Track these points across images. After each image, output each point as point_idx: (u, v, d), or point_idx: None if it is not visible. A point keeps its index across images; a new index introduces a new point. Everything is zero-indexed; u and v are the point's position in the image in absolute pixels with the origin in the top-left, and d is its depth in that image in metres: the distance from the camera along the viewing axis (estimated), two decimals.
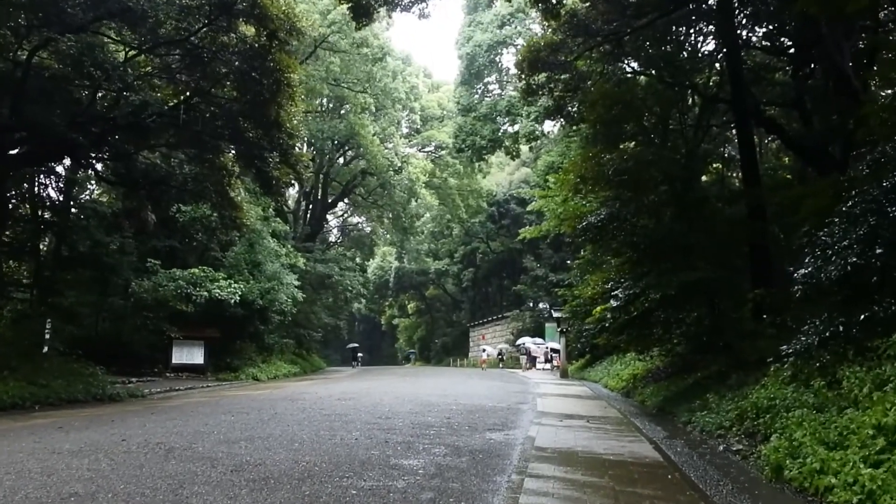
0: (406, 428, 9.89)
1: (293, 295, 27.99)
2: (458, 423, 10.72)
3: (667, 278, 13.10)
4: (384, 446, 8.10)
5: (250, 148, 16.62)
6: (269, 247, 27.15)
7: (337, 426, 9.81)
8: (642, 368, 20.55)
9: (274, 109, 16.25)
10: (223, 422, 10.17)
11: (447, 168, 42.13)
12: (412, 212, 39.54)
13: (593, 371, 27.34)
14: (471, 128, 26.64)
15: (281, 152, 17.43)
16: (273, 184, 17.49)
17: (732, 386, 11.54)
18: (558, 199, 17.91)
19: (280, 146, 17.08)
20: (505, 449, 8.32)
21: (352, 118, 32.09)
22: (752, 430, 8.69)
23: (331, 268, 34.34)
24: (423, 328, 74.41)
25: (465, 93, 27.53)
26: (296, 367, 32.65)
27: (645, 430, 10.98)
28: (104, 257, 24.19)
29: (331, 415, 11.33)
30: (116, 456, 7.03)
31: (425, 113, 40.84)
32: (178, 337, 24.80)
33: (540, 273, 43.14)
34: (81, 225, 24.63)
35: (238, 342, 27.98)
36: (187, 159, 21.51)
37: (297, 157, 17.64)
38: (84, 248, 23.61)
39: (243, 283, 25.70)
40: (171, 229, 27.12)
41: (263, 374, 27.40)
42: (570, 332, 29.01)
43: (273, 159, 16.81)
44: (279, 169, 16.95)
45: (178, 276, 24.87)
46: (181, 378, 24.60)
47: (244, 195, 24.03)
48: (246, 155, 16.93)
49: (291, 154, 17.41)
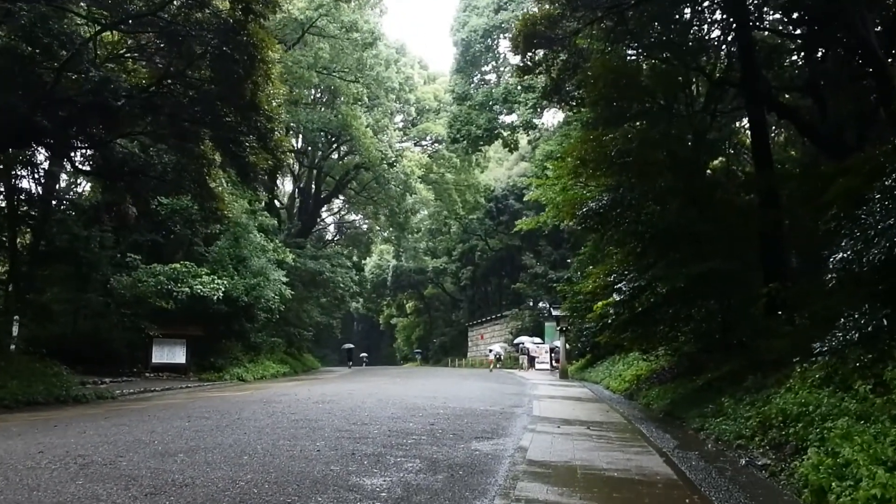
0: (380, 436, 8.68)
1: (281, 292, 26.78)
2: (442, 430, 9.51)
3: (675, 270, 11.90)
4: (348, 460, 6.90)
5: (225, 131, 15.39)
6: (254, 241, 25.94)
7: (302, 434, 8.60)
8: (646, 369, 19.35)
9: (249, 89, 15.04)
10: (173, 429, 8.96)
11: (444, 163, 40.87)
12: (407, 207, 38.25)
13: (594, 371, 26.12)
14: (466, 117, 25.43)
15: (259, 136, 16.21)
16: (250, 171, 16.25)
17: (749, 389, 10.32)
18: (557, 187, 16.68)
19: (258, 130, 15.87)
20: (491, 463, 7.12)
21: (344, 109, 30.86)
22: (778, 440, 7.47)
23: (322, 264, 33.08)
24: (421, 328, 73.20)
25: (461, 80, 26.32)
26: (285, 368, 31.42)
27: (652, 438, 9.76)
28: (82, 252, 23.07)
29: (300, 420, 10.12)
30: (18, 472, 5.83)
31: (421, 105, 39.59)
32: (157, 335, 23.61)
33: (539, 270, 41.91)
34: (59, 218, 23.50)
35: (224, 341, 26.78)
36: (166, 148, 20.36)
37: (276, 142, 16.41)
38: (62, 243, 22.48)
39: (227, 279, 24.49)
40: (154, 223, 25.97)
41: (250, 375, 26.18)
42: (570, 330, 27.80)
43: (250, 143, 15.58)
44: (256, 154, 15.72)
45: (159, 271, 23.70)
46: (161, 378, 23.44)
47: (226, 186, 22.85)
48: (220, 139, 15.69)
49: (270, 139, 16.19)
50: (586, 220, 12.70)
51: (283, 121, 17.07)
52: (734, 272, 12.33)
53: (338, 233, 60.24)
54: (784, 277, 14.36)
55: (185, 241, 26.48)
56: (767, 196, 14.55)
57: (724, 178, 15.11)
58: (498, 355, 42.53)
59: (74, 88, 17.19)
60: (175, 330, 24.38)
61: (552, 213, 17.56)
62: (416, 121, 40.73)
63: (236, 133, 15.25)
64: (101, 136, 19.95)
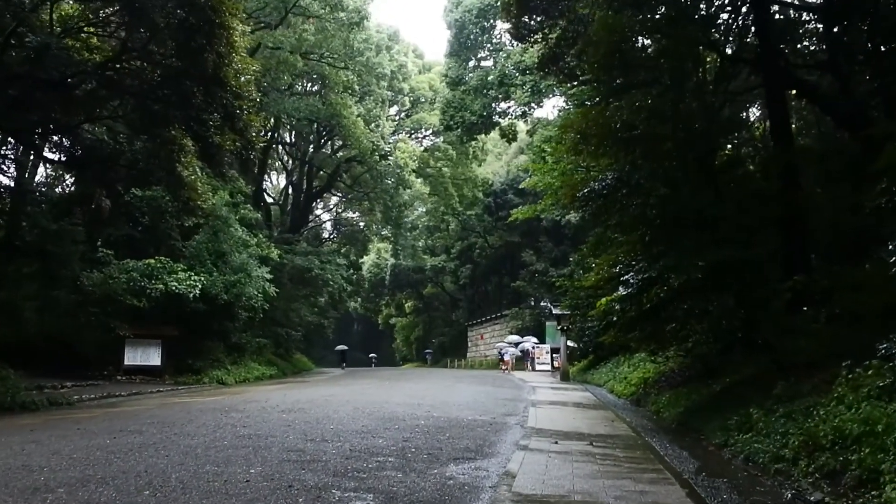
0: (337, 459, 7.11)
1: (264, 289, 25.21)
2: (416, 449, 7.94)
3: (689, 259, 10.30)
4: (280, 495, 5.32)
5: (188, 109, 13.83)
6: (235, 235, 24.36)
7: (238, 457, 7.02)
8: (654, 371, 17.77)
9: (211, 60, 13.47)
10: (86, 449, 7.39)
11: (440, 155, 39.21)
12: (401, 201, 36.62)
13: (597, 373, 24.52)
14: (460, 102, 23.85)
15: (227, 116, 14.65)
16: (215, 152, 14.67)
17: (781, 397, 8.74)
18: (556, 171, 15.07)
19: (224, 107, 14.29)
20: (465, 498, 5.54)
21: (333, 97, 29.28)
22: (833, 467, 5.88)
23: (311, 261, 31.45)
24: (420, 328, 71.59)
25: (455, 64, 24.73)
26: (272, 370, 29.83)
27: (668, 457, 8.17)
28: (51, 247, 21.55)
29: (248, 436, 8.54)
30: None
31: (415, 95, 37.97)
32: (129, 335, 22.05)
33: (539, 268, 40.30)
34: (28, 212, 22.03)
35: (205, 341, 25.22)
36: (136, 134, 18.83)
37: (246, 121, 14.83)
38: (32, 238, 21.02)
39: (205, 276, 22.95)
40: (129, 217, 24.44)
41: (231, 378, 24.63)
42: (571, 330, 26.19)
43: (214, 122, 14.01)
44: (222, 134, 14.15)
45: (132, 267, 22.17)
46: (134, 382, 21.89)
47: (200, 175, 21.28)
48: (182, 118, 14.12)
49: (239, 118, 14.61)
50: (588, 204, 11.10)
51: (253, 99, 15.45)
52: (757, 261, 10.72)
53: (334, 231, 58.82)
54: (808, 269, 12.83)
55: (164, 236, 24.96)
56: (789, 176, 12.99)
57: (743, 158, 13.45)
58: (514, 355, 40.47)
59: (30, 65, 15.66)
60: (149, 330, 22.81)
61: (551, 199, 15.96)
62: (410, 112, 39.15)
63: (199, 110, 13.66)
64: (64, 120, 18.48)
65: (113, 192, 23.86)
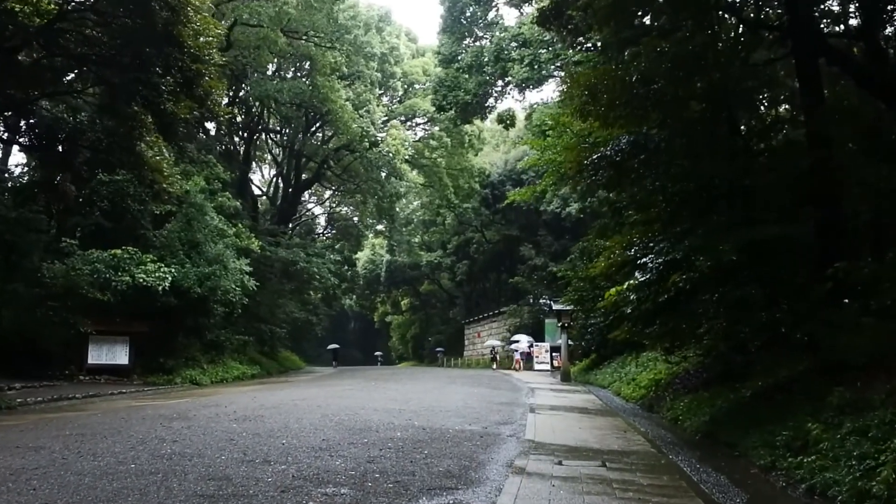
0: (269, 492, 5.33)
1: (242, 282, 23.40)
2: (382, 474, 6.16)
3: (720, 238, 8.52)
4: None
5: (139, 71, 12.03)
6: (211, 224, 22.55)
7: (135, 490, 5.25)
8: (666, 372, 16.01)
9: (162, 15, 11.68)
10: None
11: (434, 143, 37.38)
12: (391, 190, 34.76)
13: (601, 374, 22.73)
14: (453, 81, 22.04)
15: (185, 80, 12.87)
16: (169, 122, 12.88)
17: (843, 408, 6.97)
18: (558, 147, 13.24)
19: (180, 70, 12.50)
20: None
21: (319, 79, 27.45)
22: None
23: (295, 253, 29.61)
24: (416, 326, 69.74)
25: (448, 41, 22.93)
26: (254, 369, 28.02)
27: (705, 484, 6.39)
28: (8, 236, 19.76)
29: (170, 456, 6.76)
30: None
31: (408, 79, 36.05)
32: (91, 332, 20.23)
33: (539, 263, 38.47)
34: None
35: (178, 338, 23.43)
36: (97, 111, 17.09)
37: (206, 87, 13.03)
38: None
39: (176, 267, 21.14)
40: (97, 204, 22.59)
41: (207, 377, 22.84)
42: (572, 326, 24.42)
43: (167, 87, 12.21)
44: (175, 101, 12.35)
45: (96, 258, 20.33)
46: (98, 382, 20.10)
47: (168, 157, 19.49)
48: (132, 82, 12.32)
49: (197, 84, 12.82)
50: (598, 173, 9.31)
51: (216, 63, 13.67)
52: (799, 242, 8.96)
53: (328, 226, 57.07)
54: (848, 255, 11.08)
55: (135, 225, 23.14)
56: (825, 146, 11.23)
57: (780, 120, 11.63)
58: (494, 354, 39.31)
59: None
60: (116, 326, 20.99)
61: (552, 177, 14.12)
62: (403, 98, 37.29)
63: (146, 71, 11.86)
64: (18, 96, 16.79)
65: (78, 177, 22.14)
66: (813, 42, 13.39)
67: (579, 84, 9.32)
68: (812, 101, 12.83)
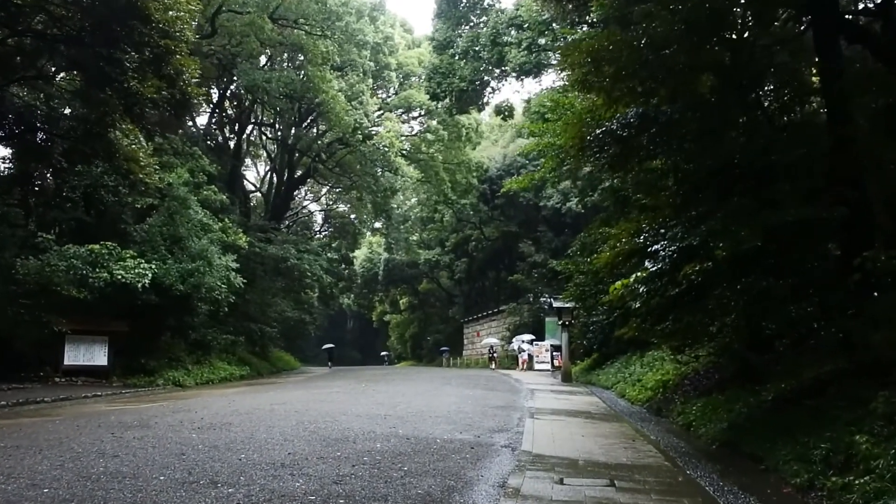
0: None
1: (229, 279, 22.37)
2: (347, 499, 5.15)
3: (742, 222, 7.48)
4: None
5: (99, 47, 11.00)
6: (194, 218, 21.51)
7: None
8: (674, 373, 14.98)
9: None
10: None
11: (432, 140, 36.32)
12: (385, 184, 33.66)
13: (603, 374, 21.69)
14: (447, 68, 21.00)
15: (155, 57, 11.82)
16: (135, 102, 11.83)
17: (893, 417, 5.94)
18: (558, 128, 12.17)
19: (147, 46, 11.47)
20: None
21: (311, 69, 26.40)
22: None
23: (286, 250, 28.53)
24: (415, 325, 68.69)
25: (443, 26, 21.89)
26: (244, 370, 27.00)
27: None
28: None
29: (95, 476, 5.73)
30: None
31: (403, 70, 34.94)
32: (66, 331, 19.20)
33: (539, 259, 37.41)
34: None
35: (161, 338, 22.43)
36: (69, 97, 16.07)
37: (176, 66, 11.99)
38: None
39: (157, 263, 20.11)
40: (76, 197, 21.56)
41: (191, 379, 21.83)
42: (573, 325, 23.39)
43: (131, 63, 11.16)
44: (140, 79, 11.31)
45: (73, 253, 19.30)
46: (74, 384, 19.11)
47: (145, 145, 18.43)
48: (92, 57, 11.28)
49: (167, 62, 11.78)
50: (602, 150, 8.26)
51: (187, 41, 12.62)
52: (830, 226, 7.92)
53: (325, 223, 56.10)
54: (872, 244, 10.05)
55: (118, 220, 22.10)
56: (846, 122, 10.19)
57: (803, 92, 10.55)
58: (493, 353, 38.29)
59: None
60: (94, 325, 19.96)
61: (552, 162, 13.05)
62: (398, 90, 36.18)
63: (108, 45, 10.82)
64: None
65: (56, 169, 21.15)
66: (832, 18, 12.39)
67: (581, 51, 8.27)
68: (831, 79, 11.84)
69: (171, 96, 12.83)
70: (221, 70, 28.36)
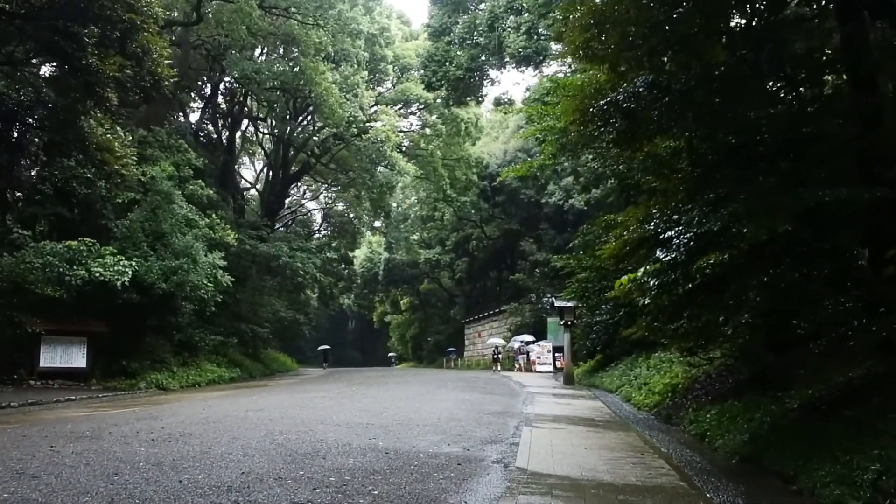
0: None
1: (215, 277, 21.40)
2: None
3: (769, 203, 6.46)
4: None
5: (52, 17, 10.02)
6: (178, 214, 20.55)
7: None
8: (683, 375, 13.95)
9: None
10: None
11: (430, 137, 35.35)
12: (382, 181, 32.65)
13: (607, 376, 20.65)
14: (443, 55, 20.02)
15: (122, 35, 10.85)
16: (93, 81, 10.84)
17: None
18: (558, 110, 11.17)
19: (109, 20, 10.49)
20: None
21: (303, 60, 25.45)
22: None
23: (278, 247, 27.56)
24: (416, 325, 67.76)
25: (439, 12, 20.92)
26: (234, 372, 26.02)
27: None
28: None
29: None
30: None
31: (401, 62, 33.94)
32: (41, 332, 18.25)
33: (540, 258, 36.38)
34: None
35: (144, 339, 21.45)
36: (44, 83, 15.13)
37: (142, 42, 11.02)
38: None
39: (139, 261, 19.17)
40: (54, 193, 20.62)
41: (176, 381, 20.84)
42: (576, 325, 22.36)
43: (90, 38, 10.19)
44: (100, 56, 10.32)
45: (49, 250, 18.38)
46: (50, 387, 18.18)
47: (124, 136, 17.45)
48: (42, 29, 10.30)
49: (131, 38, 10.81)
50: (607, 124, 7.25)
51: (155, 17, 11.64)
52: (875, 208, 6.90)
53: (324, 223, 55.17)
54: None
55: (100, 215, 21.17)
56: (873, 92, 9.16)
57: None
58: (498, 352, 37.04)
59: None
60: (71, 325, 19.01)
61: (550, 149, 12.03)
62: (395, 83, 35.18)
63: (64, 17, 9.85)
64: None
65: (32, 160, 20.23)
66: None
67: (584, 7, 7.26)
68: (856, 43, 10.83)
69: (138, 76, 11.84)
70: (211, 62, 27.44)
